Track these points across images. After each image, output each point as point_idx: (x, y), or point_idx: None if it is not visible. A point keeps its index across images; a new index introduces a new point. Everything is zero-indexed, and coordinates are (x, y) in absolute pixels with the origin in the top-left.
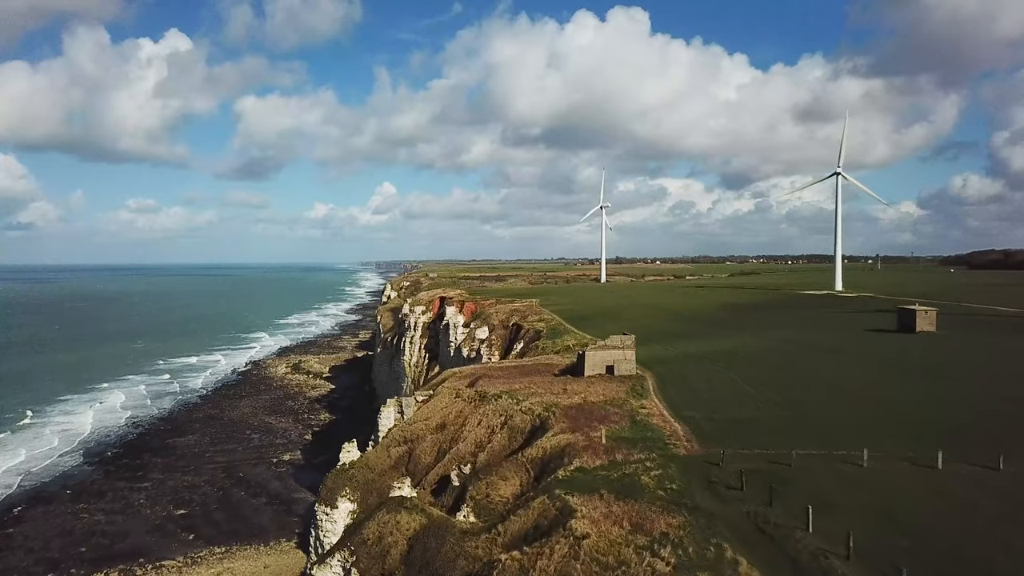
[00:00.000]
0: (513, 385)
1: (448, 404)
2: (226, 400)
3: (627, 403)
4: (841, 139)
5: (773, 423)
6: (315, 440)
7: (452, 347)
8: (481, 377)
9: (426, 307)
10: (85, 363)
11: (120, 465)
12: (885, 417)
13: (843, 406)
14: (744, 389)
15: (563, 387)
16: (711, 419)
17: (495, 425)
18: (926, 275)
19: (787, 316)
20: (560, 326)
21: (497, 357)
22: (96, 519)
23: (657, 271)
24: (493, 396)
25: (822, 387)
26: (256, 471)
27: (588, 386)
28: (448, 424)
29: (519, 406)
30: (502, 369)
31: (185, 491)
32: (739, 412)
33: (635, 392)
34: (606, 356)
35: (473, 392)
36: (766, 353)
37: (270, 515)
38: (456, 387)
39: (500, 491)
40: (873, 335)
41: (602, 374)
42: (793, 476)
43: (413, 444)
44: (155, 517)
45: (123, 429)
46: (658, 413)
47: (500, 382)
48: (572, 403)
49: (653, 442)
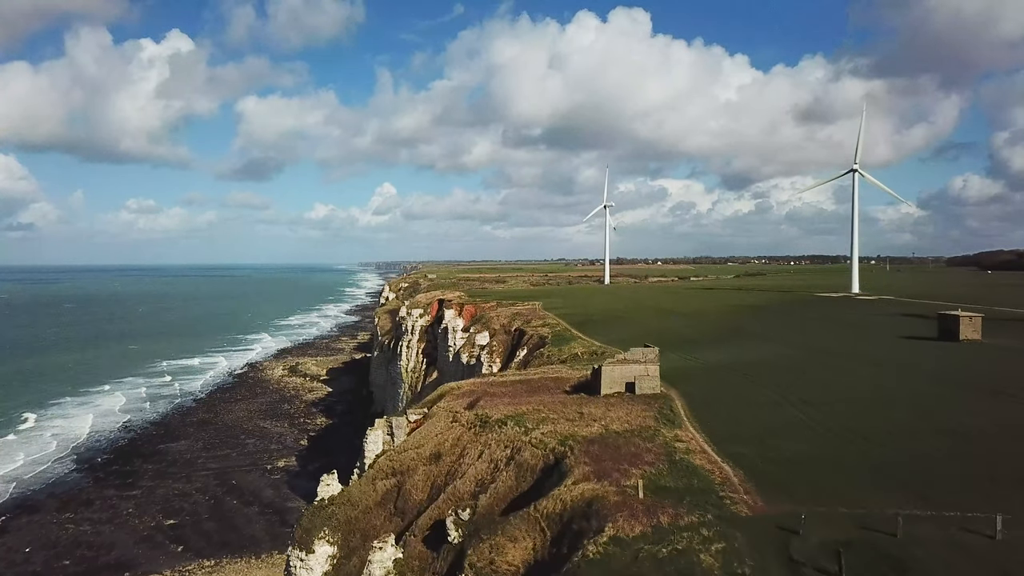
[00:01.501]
0: (519, 406)
1: (444, 429)
2: (221, 403)
3: (658, 434)
4: (858, 135)
5: (842, 462)
6: (311, 446)
7: (451, 352)
8: (482, 396)
9: (424, 310)
10: (85, 364)
11: (110, 472)
12: (981, 455)
13: (920, 437)
14: (791, 412)
15: (578, 410)
16: (764, 456)
17: (500, 459)
18: (938, 276)
19: (809, 321)
20: (566, 332)
21: (498, 364)
22: (82, 529)
23: (660, 272)
24: (497, 422)
25: (880, 409)
26: (249, 478)
27: (607, 409)
28: (444, 454)
29: (528, 436)
30: (506, 385)
31: (176, 499)
32: (795, 445)
33: (664, 418)
34: (626, 372)
35: (473, 416)
36: (801, 364)
37: (263, 525)
38: (454, 408)
39: (508, 556)
40: (913, 343)
41: (621, 393)
42: (906, 553)
43: (403, 477)
44: (143, 527)
45: (116, 434)
46: (698, 448)
47: (504, 402)
48: (592, 434)
49: (703, 494)
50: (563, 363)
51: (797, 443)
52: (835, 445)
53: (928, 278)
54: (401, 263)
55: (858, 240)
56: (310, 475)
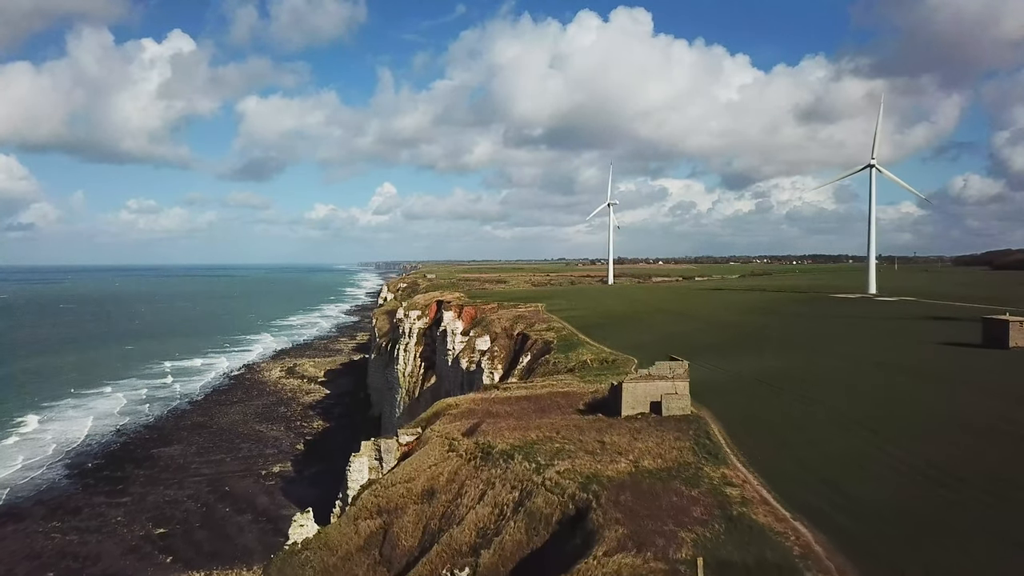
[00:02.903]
0: (527, 432)
1: (439, 460)
2: (216, 406)
3: (701, 474)
4: (875, 130)
5: (947, 520)
6: (307, 450)
7: (450, 357)
8: (483, 418)
9: (422, 312)
10: (86, 365)
11: (100, 478)
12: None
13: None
14: (853, 442)
15: (598, 438)
16: (844, 508)
17: (506, 503)
18: (951, 276)
19: (833, 324)
20: (572, 336)
21: (500, 371)
22: (68, 539)
23: (662, 272)
24: (501, 454)
25: (960, 435)
26: (243, 484)
27: (634, 438)
28: (438, 491)
29: (541, 476)
30: (511, 403)
31: (166, 507)
32: (877, 491)
33: (704, 449)
34: (650, 390)
35: (473, 444)
36: (841, 376)
37: (255, 534)
38: (450, 434)
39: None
40: (958, 351)
41: (645, 414)
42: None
43: (390, 517)
44: (132, 537)
45: (110, 438)
46: (757, 496)
47: (509, 425)
48: (620, 473)
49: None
50: (571, 372)
51: (878, 487)
52: (928, 492)
53: (941, 278)
54: (401, 263)
55: (875, 239)
56: (306, 481)
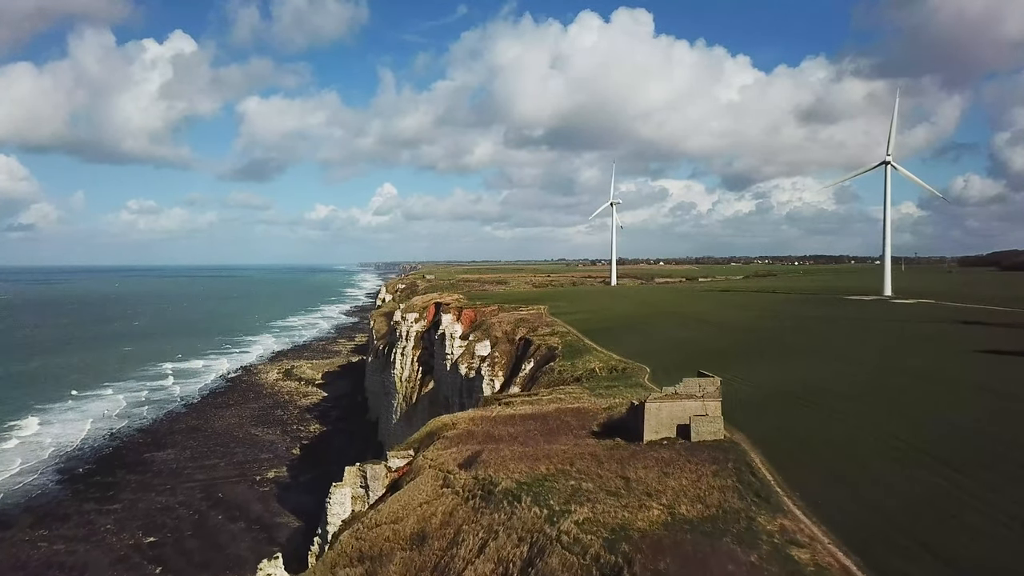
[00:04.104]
0: (536, 464)
1: (432, 496)
2: (212, 409)
3: (756, 526)
4: (890, 126)
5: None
6: (303, 455)
7: (448, 362)
8: (484, 443)
9: (420, 314)
10: (86, 366)
11: (91, 483)
12: None
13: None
14: (932, 480)
15: (621, 473)
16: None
17: (512, 560)
18: (962, 277)
19: (857, 329)
20: (578, 341)
21: (501, 378)
22: (56, 548)
23: (664, 272)
24: (505, 493)
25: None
26: (237, 490)
27: (663, 472)
28: (430, 535)
29: (555, 528)
30: (514, 423)
31: (158, 514)
32: (996, 555)
33: (750, 489)
34: (676, 410)
35: (472, 480)
36: (883, 391)
37: (248, 543)
38: (445, 464)
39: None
40: (1004, 361)
41: (671, 439)
42: None
43: (374, 565)
44: (121, 546)
45: (102, 441)
46: (835, 563)
47: (513, 452)
48: (653, 524)
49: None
50: (578, 382)
51: (990, 549)
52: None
53: (952, 279)
54: (401, 263)
55: (890, 238)
56: (301, 488)
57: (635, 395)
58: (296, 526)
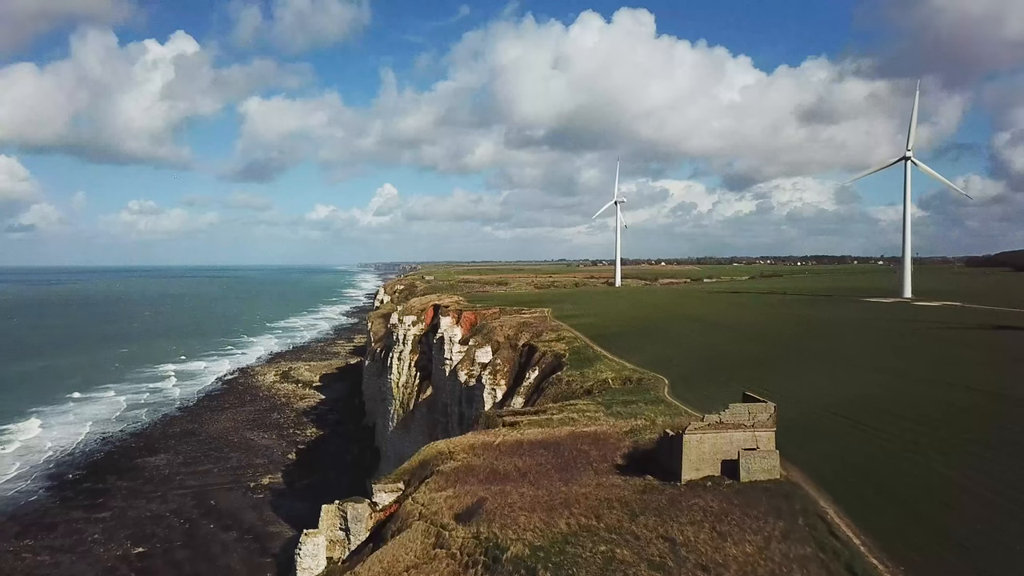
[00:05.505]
0: (552, 516)
1: (420, 558)
2: (207, 412)
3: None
4: (911, 119)
5: None
6: (299, 460)
7: (447, 368)
8: (486, 482)
9: (418, 317)
10: (87, 368)
11: (81, 490)
12: None
13: None
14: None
15: (663, 531)
16: None
17: None
18: (978, 279)
19: (883, 334)
20: (586, 348)
21: (503, 388)
22: (40, 559)
23: (668, 273)
24: (515, 565)
25: None
26: (230, 498)
27: (715, 532)
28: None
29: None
30: (521, 451)
31: (147, 523)
32: None
33: (838, 559)
34: (720, 443)
35: (471, 539)
36: (947, 410)
37: (240, 554)
38: (438, 515)
39: None
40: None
41: (716, 477)
42: None
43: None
44: (108, 557)
45: (94, 446)
46: None
47: (523, 497)
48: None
49: None
50: (589, 395)
51: None
52: None
53: (966, 280)
54: (401, 264)
55: (910, 237)
56: (296, 495)
57: (657, 413)
58: (290, 536)
